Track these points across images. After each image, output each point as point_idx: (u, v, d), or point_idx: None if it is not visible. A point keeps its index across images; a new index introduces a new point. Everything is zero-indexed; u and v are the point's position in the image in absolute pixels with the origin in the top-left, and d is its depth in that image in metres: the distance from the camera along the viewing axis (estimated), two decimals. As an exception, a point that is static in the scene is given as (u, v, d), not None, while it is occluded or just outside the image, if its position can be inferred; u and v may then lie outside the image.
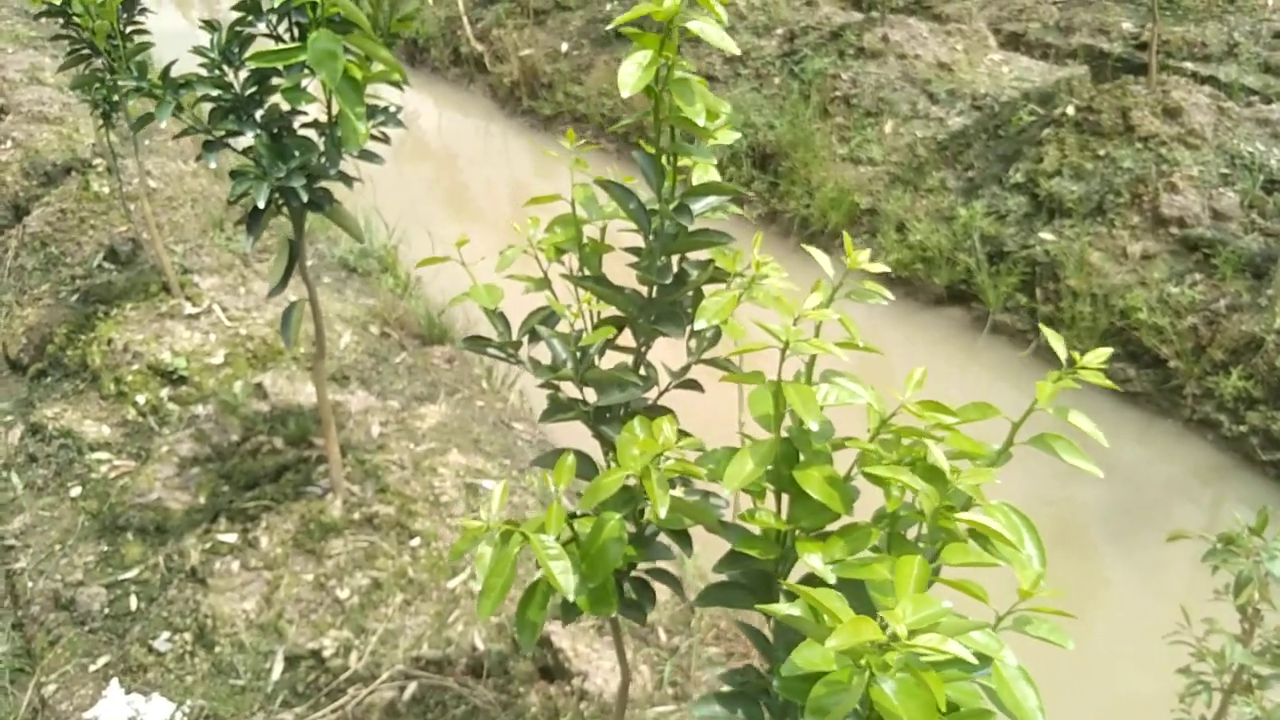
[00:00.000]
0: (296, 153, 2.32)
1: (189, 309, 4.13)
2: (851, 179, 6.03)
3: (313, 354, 4.13)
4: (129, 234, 5.03)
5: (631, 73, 1.37)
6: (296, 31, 2.32)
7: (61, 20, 3.51)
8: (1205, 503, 4.32)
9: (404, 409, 3.99)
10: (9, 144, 6.25)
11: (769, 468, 1.28)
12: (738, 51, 1.47)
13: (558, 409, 1.50)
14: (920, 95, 6.29)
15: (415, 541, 2.94)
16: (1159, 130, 5.10)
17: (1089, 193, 5.09)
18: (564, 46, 8.24)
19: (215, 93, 2.25)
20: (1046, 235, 5.08)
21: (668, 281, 1.44)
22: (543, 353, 1.64)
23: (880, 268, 1.42)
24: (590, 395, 1.57)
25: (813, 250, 1.50)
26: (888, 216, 5.74)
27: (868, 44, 6.49)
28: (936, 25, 6.92)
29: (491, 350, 1.62)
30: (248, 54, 2.06)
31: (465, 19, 8.93)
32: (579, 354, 1.48)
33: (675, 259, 1.56)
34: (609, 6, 8.47)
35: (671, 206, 1.49)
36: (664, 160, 1.54)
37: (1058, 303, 4.90)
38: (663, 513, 1.26)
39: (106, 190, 5.29)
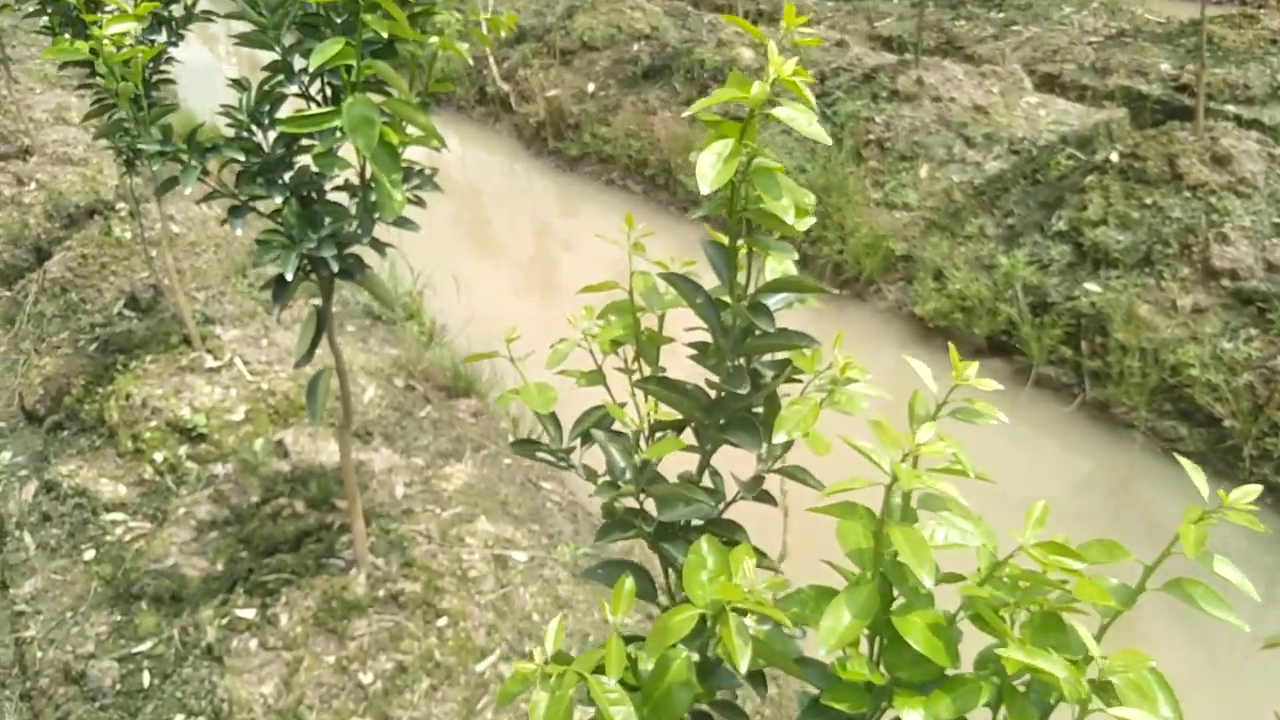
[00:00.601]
0: (327, 220, 2.19)
1: (210, 362, 4.01)
2: (886, 224, 5.89)
3: (336, 410, 4.01)
4: (150, 281, 4.93)
5: (711, 165, 1.23)
6: (329, 92, 2.20)
7: (87, 71, 3.43)
8: (1272, 569, 4.11)
9: (429, 467, 3.85)
10: (33, 185, 6.20)
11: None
12: (829, 141, 1.32)
13: (616, 527, 1.35)
14: (956, 139, 6.15)
15: (442, 621, 2.78)
16: (1208, 178, 4.93)
17: (1136, 243, 4.92)
18: (590, 87, 8.17)
19: (243, 157, 2.13)
20: (1092, 286, 4.91)
21: (742, 390, 1.29)
22: (596, 456, 1.49)
23: (991, 385, 1.26)
24: (649, 504, 1.42)
25: (913, 362, 1.34)
26: (924, 263, 5.59)
27: (902, 87, 6.37)
28: (971, 67, 6.80)
29: (542, 455, 1.47)
30: (279, 119, 1.93)
31: (491, 59, 8.88)
32: (640, 466, 1.33)
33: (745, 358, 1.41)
34: (635, 47, 8.40)
35: (746, 305, 1.34)
36: (738, 253, 1.39)
37: (1105, 357, 4.72)
38: (743, 666, 1.10)
39: (128, 235, 5.20)
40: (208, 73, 10.58)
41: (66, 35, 3.25)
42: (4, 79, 6.86)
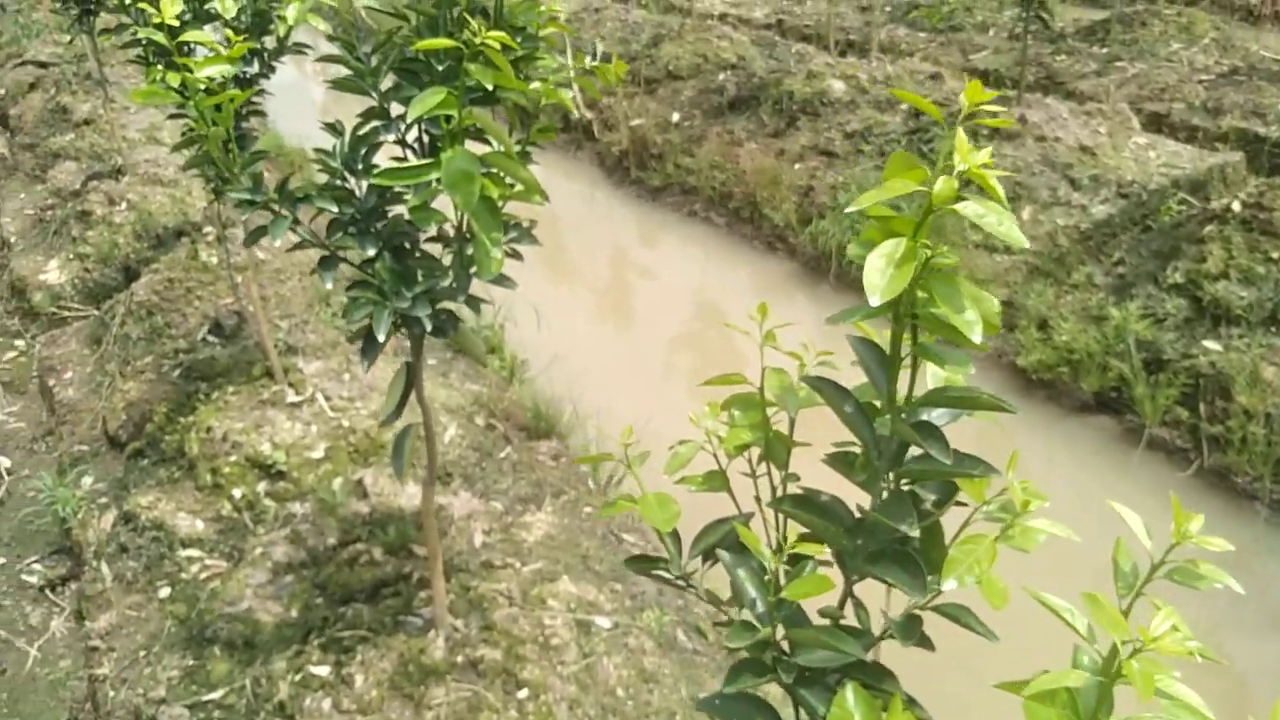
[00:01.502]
0: (420, 275, 2.07)
1: (291, 396, 3.94)
2: (986, 268, 5.63)
3: (419, 450, 3.91)
4: (234, 307, 4.91)
5: (881, 271, 1.06)
6: (427, 139, 2.08)
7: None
8: None
9: (508, 513, 3.72)
10: (124, 205, 6.28)
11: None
12: (1027, 244, 1.15)
13: (748, 669, 1.18)
14: (1061, 180, 5.87)
15: (523, 693, 2.63)
16: (1342, 232, 4.60)
17: (1261, 300, 4.60)
18: (675, 116, 8.05)
19: (336, 209, 2.02)
20: (1212, 345, 4.60)
21: (905, 525, 1.11)
22: (718, 577, 1.32)
23: (1222, 544, 1.05)
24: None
25: (1123, 510, 1.14)
26: (1027, 311, 5.32)
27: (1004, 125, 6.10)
28: (1075, 105, 6.51)
29: (658, 573, 1.31)
30: (375, 172, 1.82)
31: (575, 86, 8.81)
32: (776, 603, 1.16)
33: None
34: (721, 77, 8.26)
35: (909, 421, 1.16)
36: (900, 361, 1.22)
37: (1225, 421, 4.40)
38: None
39: (214, 260, 5.20)
40: (294, 90, 10.71)
41: (159, 67, 3.21)
42: (102, 99, 6.99)
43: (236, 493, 3.68)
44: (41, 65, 10.10)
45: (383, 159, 2.07)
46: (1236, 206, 4.97)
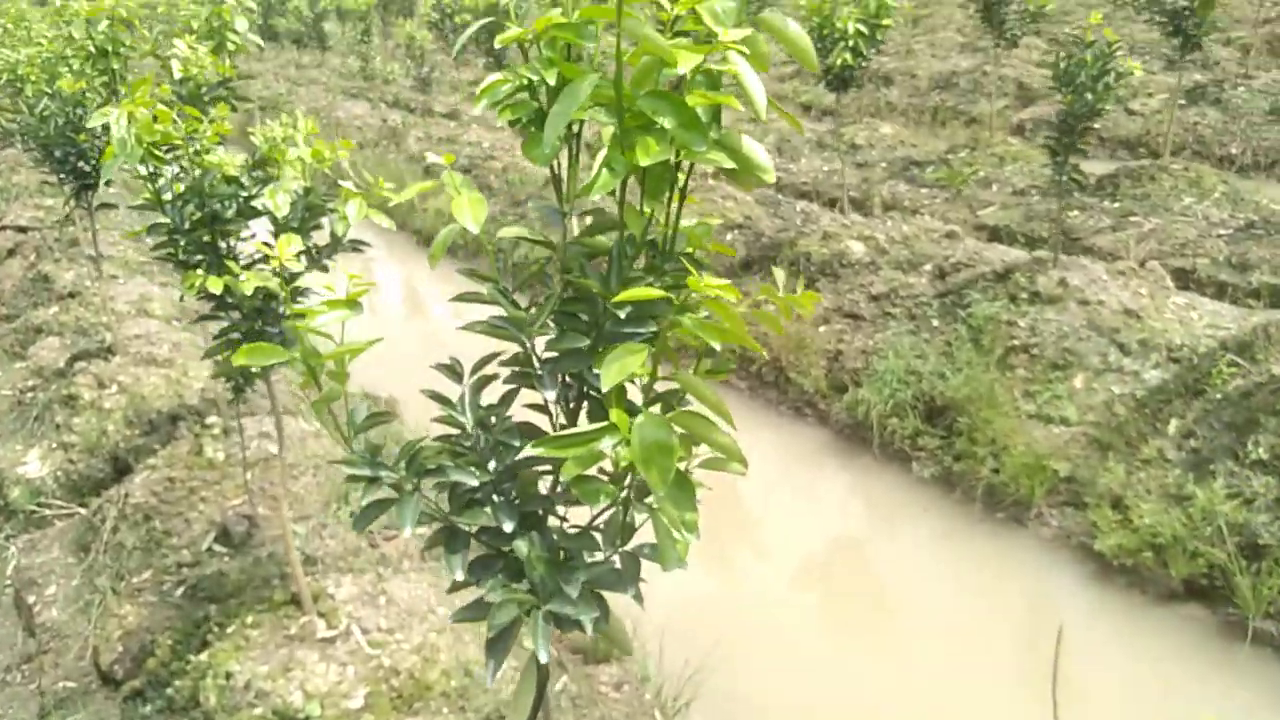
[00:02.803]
0: (572, 558, 1.66)
1: (322, 630, 3.44)
2: (1044, 441, 5.32)
3: (464, 687, 3.40)
4: (243, 510, 4.43)
5: None
6: (579, 389, 1.71)
7: (214, 303, 3.02)
8: None
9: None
10: (114, 389, 5.82)
11: None
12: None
13: None
14: (1109, 346, 5.64)
15: None
16: None
17: (1361, 477, 4.30)
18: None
19: (476, 483, 1.62)
20: (1316, 528, 4.27)
21: None
22: None
23: None
24: None
25: None
26: (1096, 489, 4.98)
27: (1043, 288, 5.92)
28: (1108, 265, 6.36)
29: None
30: (535, 442, 1.43)
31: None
32: None
33: None
34: (729, 236, 8.11)
35: None
36: None
37: (1345, 615, 4.03)
38: None
39: (221, 456, 4.74)
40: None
41: (198, 271, 2.84)
42: (91, 273, 6.63)
43: (261, 752, 3.13)
44: (21, 230, 9.77)
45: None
46: (1312, 375, 4.73)
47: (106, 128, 2.55)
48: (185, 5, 4.35)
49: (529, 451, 1.49)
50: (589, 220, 1.73)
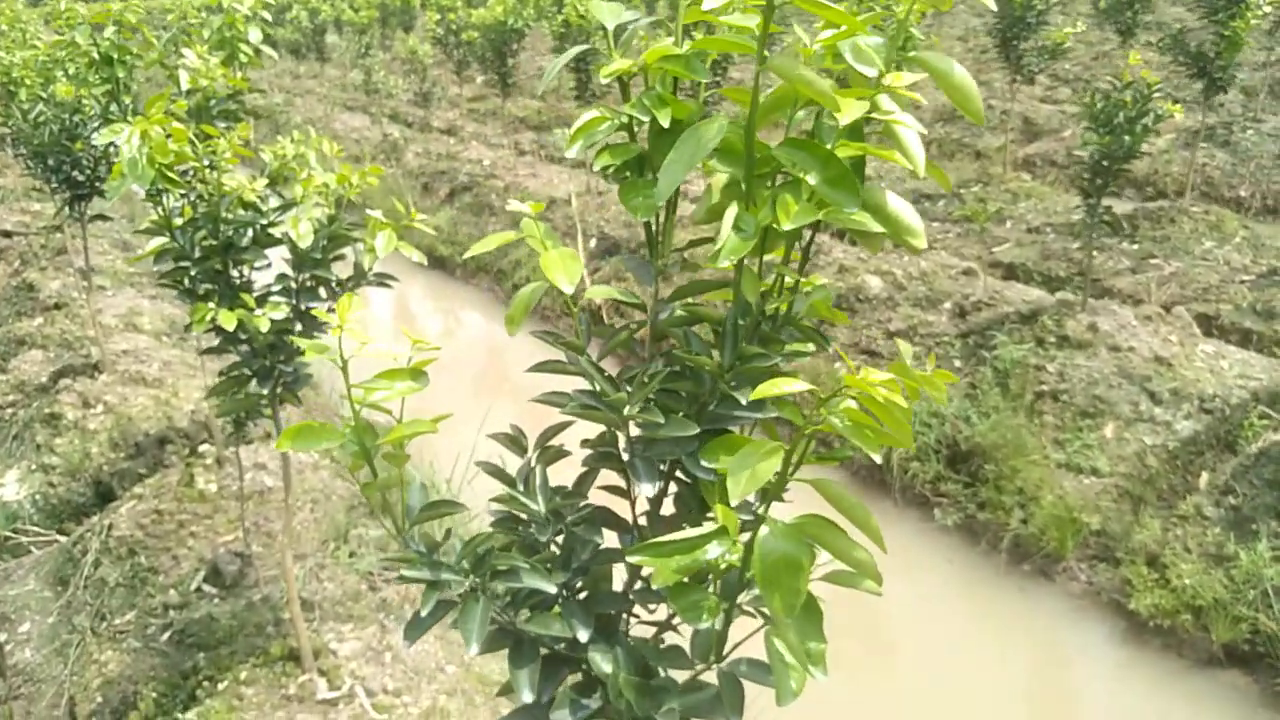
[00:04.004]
0: (660, 676, 1.42)
1: (323, 690, 3.17)
2: (1073, 492, 5.11)
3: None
4: (235, 547, 4.15)
5: None
6: (674, 471, 1.47)
7: (222, 335, 2.77)
8: None
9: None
10: (100, 409, 5.54)
11: None
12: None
13: None
14: (1140, 394, 5.45)
15: None
16: None
17: None
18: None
19: (552, 589, 1.37)
20: (1368, 598, 4.08)
21: None
22: None
23: None
24: None
25: None
26: (1132, 546, 4.77)
27: (1071, 332, 5.73)
28: (1133, 309, 6.19)
29: None
30: (630, 549, 1.20)
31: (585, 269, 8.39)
32: None
33: None
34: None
35: None
36: None
37: (1402, 692, 3.83)
38: None
39: (214, 488, 4.46)
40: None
41: (209, 304, 2.60)
42: (79, 285, 6.35)
43: (255, 827, 2.86)
44: (6, 235, 9.46)
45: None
46: (1359, 435, 4.55)
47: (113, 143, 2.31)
48: (194, 14, 4.11)
49: (632, 559, 1.25)
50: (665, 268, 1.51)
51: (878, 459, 1.14)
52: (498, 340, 8.94)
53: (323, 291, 2.82)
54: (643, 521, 1.54)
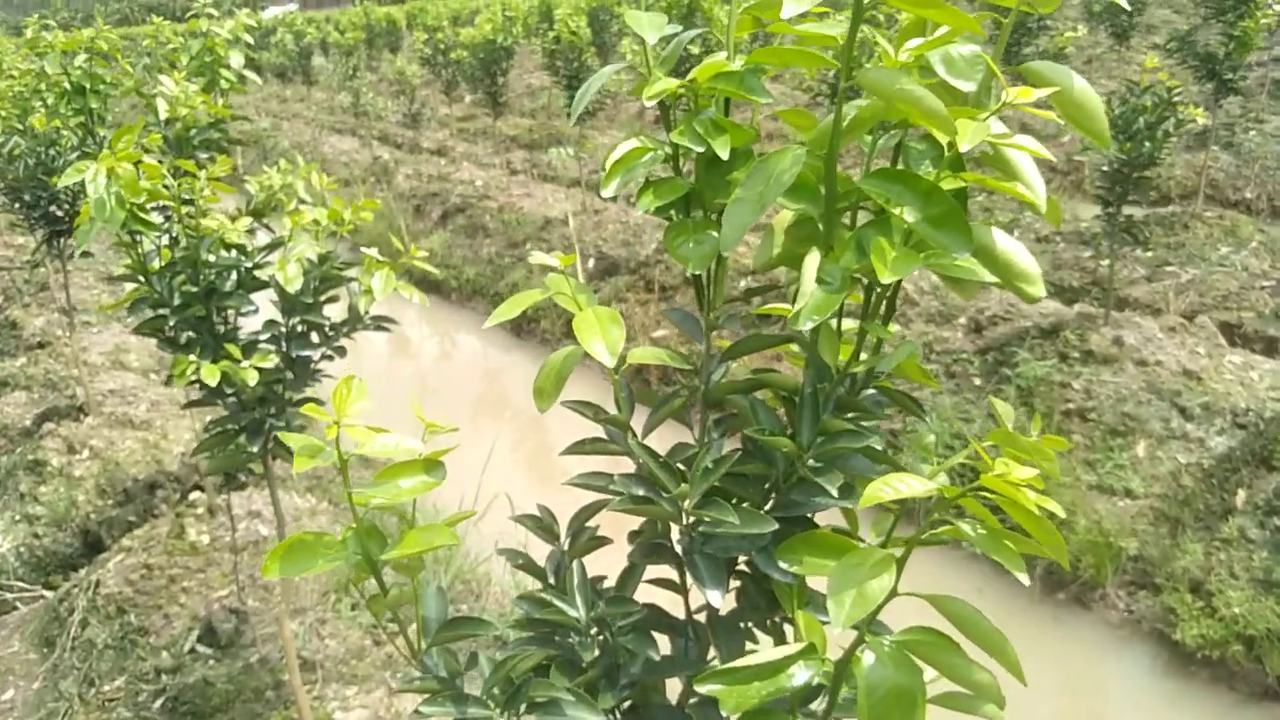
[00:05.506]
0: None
1: (328, 766, 2.93)
2: (1107, 515, 4.88)
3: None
4: (230, 603, 3.91)
5: None
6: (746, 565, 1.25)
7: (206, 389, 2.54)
8: None
9: None
10: (86, 454, 5.30)
11: None
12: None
13: None
14: (1171, 410, 5.23)
15: None
16: None
17: None
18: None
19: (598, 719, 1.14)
20: None
21: None
22: None
23: None
24: None
25: None
26: (1171, 570, 4.54)
27: (1096, 346, 5.52)
28: (1159, 322, 5.98)
29: None
30: (700, 675, 0.97)
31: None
32: None
33: None
34: (744, 282, 7.70)
35: None
36: None
37: None
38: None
39: (206, 539, 4.22)
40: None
41: (190, 358, 2.36)
42: (63, 325, 6.12)
43: None
44: (-12, 272, 9.22)
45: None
46: None
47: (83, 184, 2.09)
48: (172, 39, 3.89)
49: (702, 688, 1.02)
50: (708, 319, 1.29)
51: (1025, 580, 0.91)
52: (495, 364, 8.72)
53: (315, 337, 2.60)
54: (699, 616, 1.31)
